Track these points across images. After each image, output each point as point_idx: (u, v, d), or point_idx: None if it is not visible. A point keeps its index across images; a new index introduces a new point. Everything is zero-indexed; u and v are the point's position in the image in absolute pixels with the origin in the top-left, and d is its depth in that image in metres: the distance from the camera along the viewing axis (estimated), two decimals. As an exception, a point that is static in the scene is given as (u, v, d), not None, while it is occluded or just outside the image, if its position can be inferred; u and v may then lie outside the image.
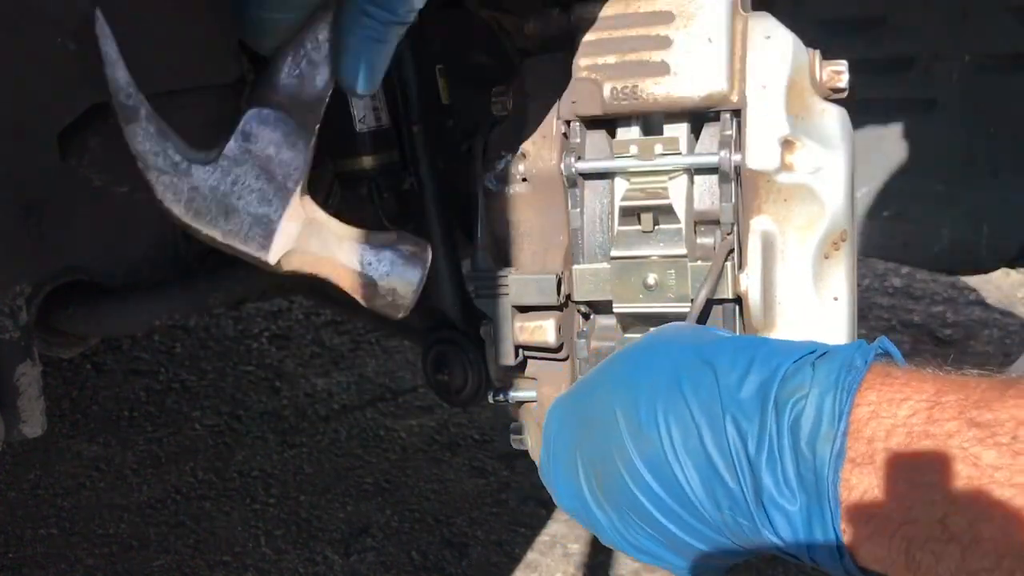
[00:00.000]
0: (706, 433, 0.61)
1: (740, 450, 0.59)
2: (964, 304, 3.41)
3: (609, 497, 0.66)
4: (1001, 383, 0.56)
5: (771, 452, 0.59)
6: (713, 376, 0.62)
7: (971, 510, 0.52)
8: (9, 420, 1.03)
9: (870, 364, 0.60)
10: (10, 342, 1.02)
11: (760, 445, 0.59)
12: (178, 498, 2.40)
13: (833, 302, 0.76)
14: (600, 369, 0.72)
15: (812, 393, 0.59)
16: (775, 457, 0.58)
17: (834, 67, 0.78)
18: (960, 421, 0.54)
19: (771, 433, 0.59)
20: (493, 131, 0.87)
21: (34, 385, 1.04)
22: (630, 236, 0.79)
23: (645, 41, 0.78)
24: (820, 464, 0.57)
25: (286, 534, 2.26)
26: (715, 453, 0.60)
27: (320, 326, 3.28)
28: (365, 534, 2.25)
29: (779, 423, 0.59)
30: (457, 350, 1.12)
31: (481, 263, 0.86)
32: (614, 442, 0.65)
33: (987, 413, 0.54)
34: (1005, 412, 0.53)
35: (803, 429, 0.58)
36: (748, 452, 0.59)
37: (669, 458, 0.62)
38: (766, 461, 0.59)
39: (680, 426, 0.62)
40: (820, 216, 0.75)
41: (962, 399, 0.55)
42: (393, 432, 2.68)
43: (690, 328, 0.74)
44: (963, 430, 0.54)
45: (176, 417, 2.78)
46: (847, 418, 0.57)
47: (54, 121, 1.05)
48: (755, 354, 0.63)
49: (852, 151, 0.77)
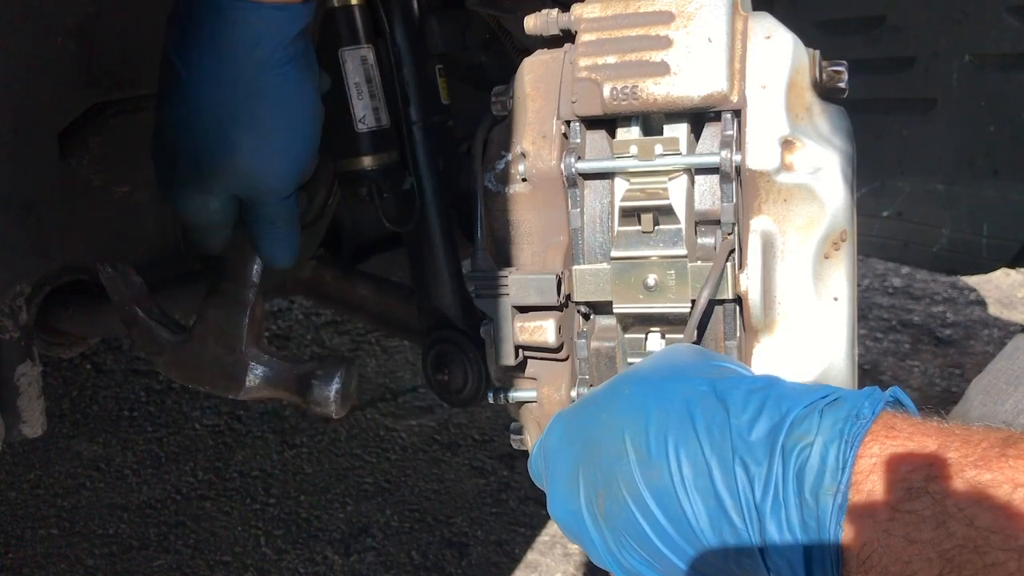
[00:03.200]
0: (716, 472, 0.61)
1: (748, 492, 0.60)
2: (964, 304, 3.41)
3: (609, 520, 0.66)
4: (1003, 440, 0.57)
5: (776, 498, 0.59)
6: (725, 414, 0.63)
7: (965, 572, 0.53)
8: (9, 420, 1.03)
9: (877, 414, 0.61)
10: (10, 342, 1.02)
11: (766, 490, 0.60)
12: (178, 498, 2.40)
13: (833, 302, 0.76)
14: (608, 390, 0.72)
15: (817, 442, 0.60)
16: (779, 503, 0.59)
17: (834, 67, 0.78)
18: (959, 480, 0.55)
19: (777, 479, 0.60)
20: (493, 131, 0.87)
21: (34, 385, 1.04)
22: (630, 237, 0.79)
23: (645, 41, 0.78)
24: (823, 514, 0.58)
25: (286, 534, 2.26)
26: (724, 493, 0.61)
27: (320, 326, 3.28)
28: (365, 534, 2.25)
29: (785, 470, 0.60)
30: (457, 350, 1.12)
31: (481, 263, 0.86)
32: (621, 468, 0.65)
33: (986, 473, 0.55)
34: (1003, 473, 0.54)
35: (807, 478, 0.59)
36: (755, 495, 0.60)
37: (678, 491, 0.62)
38: (771, 507, 0.59)
39: (691, 462, 0.62)
40: (820, 216, 0.75)
41: (962, 457, 0.56)
42: (393, 432, 2.68)
43: (700, 355, 0.74)
44: (960, 490, 0.55)
45: (176, 417, 2.78)
46: (850, 470, 0.58)
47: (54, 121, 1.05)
48: (767, 395, 0.64)
49: (852, 151, 0.77)
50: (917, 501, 0.56)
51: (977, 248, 1.68)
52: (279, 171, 0.90)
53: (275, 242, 0.96)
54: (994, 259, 1.67)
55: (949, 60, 1.64)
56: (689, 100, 0.77)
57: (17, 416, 1.03)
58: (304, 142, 0.91)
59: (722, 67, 0.76)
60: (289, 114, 0.88)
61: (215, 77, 0.84)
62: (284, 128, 0.88)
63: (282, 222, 0.95)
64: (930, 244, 1.75)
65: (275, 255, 0.97)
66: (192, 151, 0.87)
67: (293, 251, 0.98)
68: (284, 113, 0.88)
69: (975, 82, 1.61)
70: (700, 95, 0.76)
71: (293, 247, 0.98)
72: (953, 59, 1.63)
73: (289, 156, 0.90)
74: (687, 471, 0.62)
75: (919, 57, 1.68)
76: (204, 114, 0.86)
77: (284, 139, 0.89)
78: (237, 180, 0.89)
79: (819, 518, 0.58)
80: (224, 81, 0.84)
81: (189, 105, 0.86)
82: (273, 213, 0.93)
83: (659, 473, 0.63)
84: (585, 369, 0.84)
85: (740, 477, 0.61)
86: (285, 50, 0.84)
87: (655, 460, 0.64)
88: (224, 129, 0.86)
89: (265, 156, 0.88)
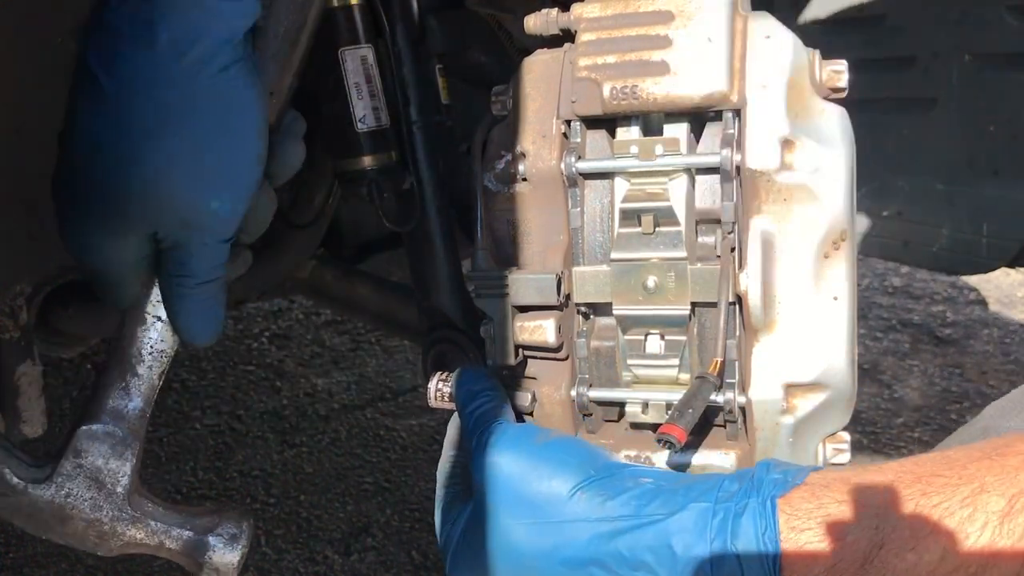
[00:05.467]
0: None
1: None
2: (964, 304, 3.41)
3: None
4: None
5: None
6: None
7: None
8: (9, 420, 1.03)
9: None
10: (10, 342, 1.02)
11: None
12: (178, 498, 2.40)
13: (833, 302, 0.76)
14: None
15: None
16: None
17: (834, 67, 0.78)
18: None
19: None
20: (493, 131, 0.87)
21: (34, 385, 1.04)
22: (630, 238, 0.79)
23: (645, 41, 0.78)
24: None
25: (286, 534, 2.26)
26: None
27: (320, 326, 3.28)
28: (365, 534, 2.26)
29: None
30: (457, 350, 1.12)
31: (481, 263, 0.86)
32: None
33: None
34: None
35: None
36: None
37: None
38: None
39: None
40: (820, 216, 0.75)
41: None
42: (393, 432, 2.68)
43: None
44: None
45: (176, 417, 2.78)
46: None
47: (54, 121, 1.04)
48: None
49: (852, 151, 0.77)
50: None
51: (977, 248, 1.68)
52: (215, 199, 0.73)
53: (197, 309, 0.77)
54: (994, 259, 1.67)
55: (949, 60, 1.64)
56: (689, 100, 0.77)
57: (17, 416, 1.03)
58: (248, 165, 0.75)
59: (722, 67, 0.76)
60: (232, 127, 0.74)
61: (143, 80, 0.70)
62: (225, 145, 0.73)
63: (211, 282, 0.76)
64: (930, 244, 1.75)
65: (194, 328, 0.78)
66: (108, 178, 0.72)
67: (216, 326, 0.79)
68: (225, 125, 0.73)
69: (975, 82, 1.61)
70: (700, 95, 0.76)
71: (218, 320, 0.78)
72: (953, 59, 1.63)
73: (229, 180, 0.74)
74: None
75: (919, 57, 1.68)
76: (127, 128, 0.71)
77: (225, 158, 0.74)
78: (162, 211, 0.72)
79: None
80: (155, 84, 0.70)
81: (108, 119, 0.71)
82: (200, 266, 0.75)
83: None
84: (585, 368, 0.84)
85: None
86: (232, 50, 0.72)
87: None
88: (151, 142, 0.71)
89: (200, 178, 0.72)
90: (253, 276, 1.18)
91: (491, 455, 0.74)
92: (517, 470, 0.73)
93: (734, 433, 0.81)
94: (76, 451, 0.79)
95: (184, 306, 0.77)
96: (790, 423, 0.77)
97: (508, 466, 0.73)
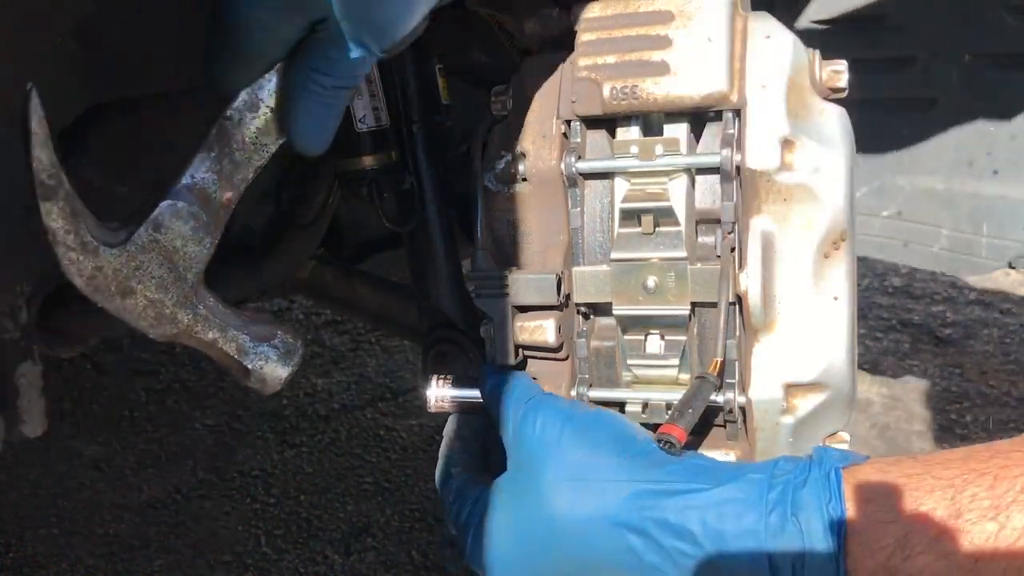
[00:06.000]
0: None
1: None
2: (964, 304, 3.41)
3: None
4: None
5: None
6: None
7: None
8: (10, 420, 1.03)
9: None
10: (10, 342, 1.02)
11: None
12: (178, 498, 2.40)
13: (833, 302, 0.76)
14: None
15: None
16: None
17: (834, 67, 0.78)
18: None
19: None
20: (493, 131, 0.87)
21: (34, 385, 1.04)
22: (630, 238, 0.79)
23: (645, 41, 0.78)
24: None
25: (286, 534, 2.26)
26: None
27: (320, 326, 3.28)
28: (365, 534, 2.26)
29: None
30: (457, 350, 1.12)
31: (481, 263, 0.86)
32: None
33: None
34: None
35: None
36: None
37: None
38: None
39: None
40: (820, 216, 0.75)
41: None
42: (393, 432, 2.68)
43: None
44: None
45: (176, 417, 2.78)
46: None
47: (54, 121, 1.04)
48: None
49: (852, 151, 0.77)
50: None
51: (977, 248, 1.68)
52: (401, 4, 0.67)
53: (320, 112, 0.70)
54: (994, 259, 1.67)
55: (949, 60, 1.64)
56: (689, 100, 0.77)
57: (17, 416, 1.03)
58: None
59: (722, 67, 0.76)
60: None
61: None
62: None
63: (344, 88, 0.70)
64: (930, 244, 1.75)
65: (310, 131, 0.71)
66: None
67: (329, 136, 0.73)
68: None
69: (975, 82, 1.61)
70: (700, 95, 0.76)
71: (331, 131, 0.72)
72: (953, 59, 1.63)
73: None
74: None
75: (919, 57, 1.68)
76: None
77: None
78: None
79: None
80: None
81: None
82: (344, 68, 0.68)
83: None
84: (585, 368, 0.84)
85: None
86: None
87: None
88: None
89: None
90: (253, 276, 1.18)
91: (537, 424, 0.77)
92: (566, 436, 0.76)
93: (734, 433, 0.81)
94: (156, 224, 0.73)
95: (308, 105, 0.70)
96: (790, 423, 0.77)
97: (555, 433, 0.76)
